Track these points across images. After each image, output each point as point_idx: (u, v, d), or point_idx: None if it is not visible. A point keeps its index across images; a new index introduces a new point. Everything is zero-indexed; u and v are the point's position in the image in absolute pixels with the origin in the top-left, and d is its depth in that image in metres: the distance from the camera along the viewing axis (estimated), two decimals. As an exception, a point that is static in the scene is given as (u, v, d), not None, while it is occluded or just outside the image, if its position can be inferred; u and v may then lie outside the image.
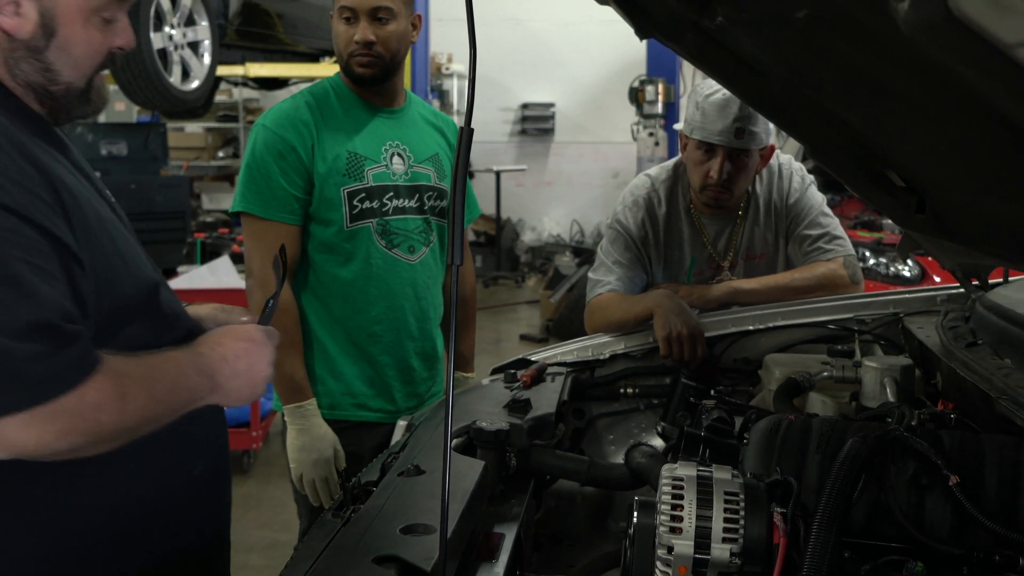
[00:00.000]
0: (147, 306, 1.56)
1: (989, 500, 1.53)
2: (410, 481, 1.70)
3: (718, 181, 2.67)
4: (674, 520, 1.45)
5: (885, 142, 1.73)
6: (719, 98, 2.66)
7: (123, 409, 1.34)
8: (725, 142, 2.64)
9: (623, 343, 2.57)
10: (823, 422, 1.68)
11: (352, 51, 2.60)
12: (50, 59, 1.47)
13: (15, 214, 1.30)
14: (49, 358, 1.28)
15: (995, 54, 0.79)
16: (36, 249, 1.32)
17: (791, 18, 1.43)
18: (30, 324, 1.27)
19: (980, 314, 2.08)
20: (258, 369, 1.59)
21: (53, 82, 1.49)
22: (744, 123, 2.62)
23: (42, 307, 1.29)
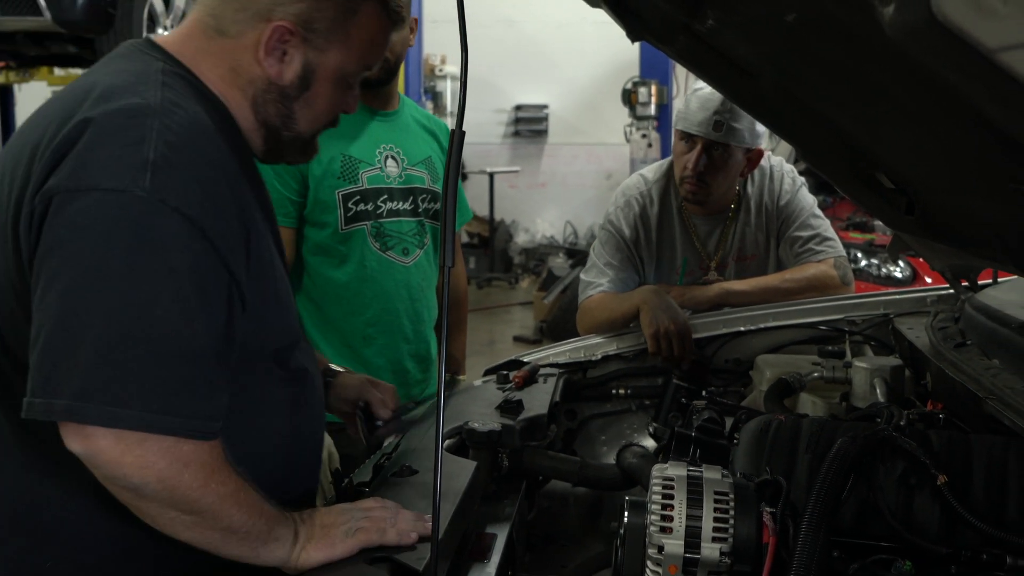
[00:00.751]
0: (279, 358, 1.55)
1: (977, 499, 1.54)
2: (403, 482, 1.71)
3: (692, 172, 2.70)
4: (664, 520, 1.46)
5: (874, 144, 1.75)
6: (705, 92, 2.71)
7: (206, 483, 1.30)
8: (703, 133, 2.67)
9: (615, 344, 2.58)
10: (813, 422, 1.70)
11: None
12: (295, 108, 1.53)
13: (207, 239, 1.32)
14: (184, 395, 1.28)
15: (977, 58, 0.81)
16: (213, 277, 1.34)
17: (780, 21, 1.44)
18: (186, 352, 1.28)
19: (969, 315, 2.10)
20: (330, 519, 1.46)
21: (288, 128, 1.55)
22: (723, 116, 2.65)
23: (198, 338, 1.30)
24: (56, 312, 1.26)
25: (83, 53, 6.54)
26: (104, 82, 1.41)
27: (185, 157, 1.33)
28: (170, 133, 1.33)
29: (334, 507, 1.50)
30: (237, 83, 1.50)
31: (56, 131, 1.34)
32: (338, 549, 1.42)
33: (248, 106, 1.51)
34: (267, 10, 1.46)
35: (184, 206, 1.30)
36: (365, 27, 1.54)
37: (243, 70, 1.49)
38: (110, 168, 1.29)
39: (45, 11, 5.58)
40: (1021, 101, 0.82)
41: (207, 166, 1.36)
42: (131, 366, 1.24)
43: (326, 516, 1.47)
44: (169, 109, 1.36)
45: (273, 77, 1.49)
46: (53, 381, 1.24)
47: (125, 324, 1.25)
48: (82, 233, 1.28)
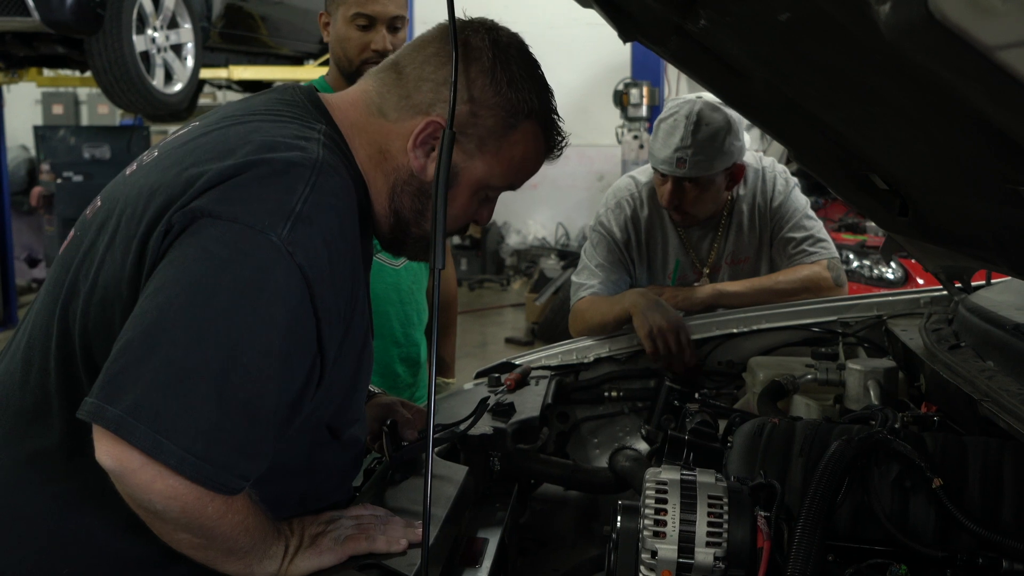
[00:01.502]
0: (334, 433, 1.54)
1: (972, 502, 1.53)
2: (393, 486, 1.69)
3: (669, 205, 2.70)
4: (658, 524, 1.45)
5: (868, 145, 1.73)
6: (668, 124, 2.69)
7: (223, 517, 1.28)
8: (667, 171, 2.67)
9: (607, 346, 2.57)
10: (807, 425, 1.69)
11: (367, 58, 2.58)
12: (430, 206, 1.50)
13: (313, 304, 1.30)
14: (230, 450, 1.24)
15: (975, 56, 0.79)
16: (304, 344, 1.31)
17: (773, 21, 1.42)
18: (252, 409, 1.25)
19: (963, 316, 2.09)
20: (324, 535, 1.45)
21: (418, 225, 1.54)
22: (684, 154, 2.62)
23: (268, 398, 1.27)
24: (147, 322, 1.23)
25: (72, 54, 6.53)
26: (269, 131, 1.41)
27: (326, 221, 1.33)
28: (321, 193, 1.33)
29: (322, 515, 1.48)
30: (383, 167, 1.50)
31: (213, 163, 1.34)
32: (327, 557, 1.40)
33: (386, 192, 1.52)
34: (428, 104, 1.48)
35: (307, 266, 1.29)
36: (520, 145, 1.54)
37: (391, 155, 1.50)
38: (257, 207, 1.29)
39: (33, 11, 5.56)
40: (1020, 101, 0.80)
41: (341, 237, 1.35)
42: (193, 402, 1.21)
43: (314, 525, 1.45)
44: (327, 170, 1.36)
45: (417, 170, 1.49)
46: (114, 387, 1.21)
47: (203, 356, 1.22)
48: (205, 256, 1.26)
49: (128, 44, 6.03)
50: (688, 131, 2.62)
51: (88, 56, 6.08)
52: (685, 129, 2.62)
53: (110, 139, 11.13)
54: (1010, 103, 0.84)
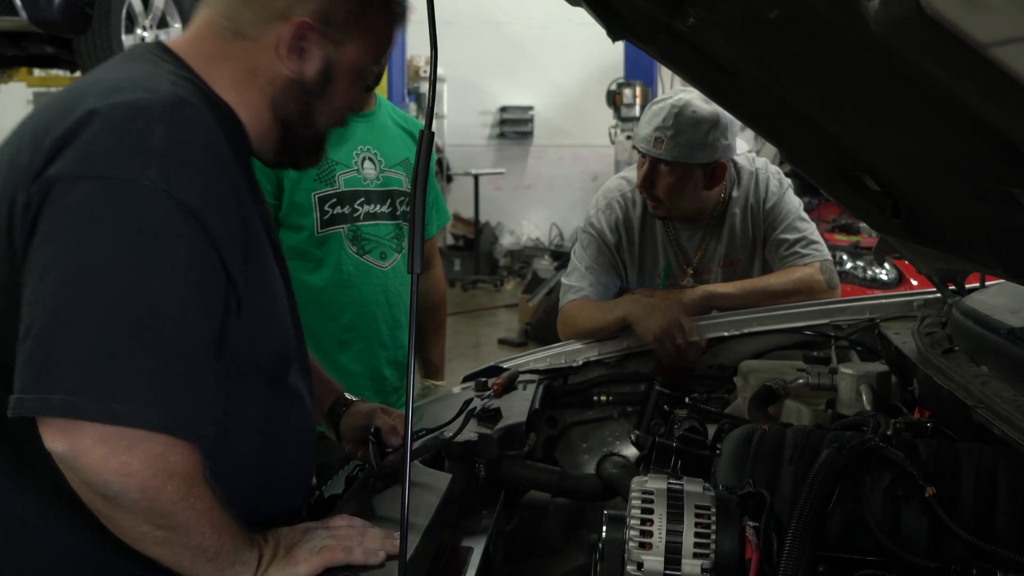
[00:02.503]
0: (272, 376, 1.51)
1: (966, 511, 1.50)
2: (375, 495, 1.66)
3: (641, 187, 2.67)
4: (644, 535, 1.41)
5: (859, 145, 1.70)
6: (656, 107, 2.68)
7: (185, 498, 1.25)
8: (644, 149, 2.65)
9: (596, 350, 2.53)
10: (797, 432, 1.65)
11: None
12: (316, 105, 1.53)
13: (208, 235, 1.28)
14: (184, 393, 1.24)
15: (968, 54, 0.76)
16: (211, 275, 1.30)
17: (762, 18, 1.39)
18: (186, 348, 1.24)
19: (956, 320, 2.06)
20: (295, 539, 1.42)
21: (308, 125, 1.54)
22: (663, 133, 2.60)
23: (196, 335, 1.26)
24: (51, 304, 1.21)
25: (61, 54, 6.47)
26: (110, 77, 1.40)
27: (192, 152, 1.30)
28: (178, 128, 1.30)
29: (298, 526, 1.44)
30: (255, 84, 1.48)
31: (58, 122, 1.30)
32: (301, 568, 1.37)
33: (267, 106, 1.50)
34: (286, 9, 1.45)
35: (188, 198, 1.26)
36: (377, 19, 1.55)
37: (262, 70, 1.48)
38: (115, 157, 1.26)
39: (21, 11, 5.50)
40: (1013, 98, 0.77)
41: (212, 163, 1.33)
42: (130, 360, 1.20)
43: (290, 536, 1.42)
44: (179, 104, 1.33)
45: (295, 75, 1.48)
46: (47, 375, 1.19)
47: (124, 316, 1.21)
48: (82, 222, 1.23)
49: (117, 43, 5.97)
50: (672, 113, 2.60)
51: (77, 56, 6.02)
52: (670, 111, 2.60)
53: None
54: (1004, 101, 0.81)
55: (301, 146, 1.58)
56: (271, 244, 1.54)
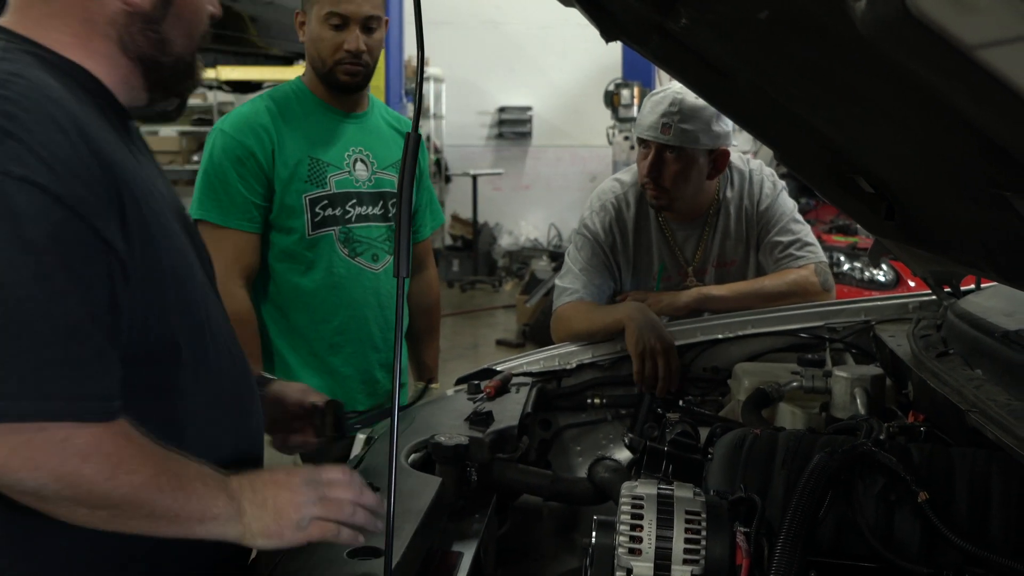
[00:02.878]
0: (189, 347, 1.43)
1: (959, 516, 1.49)
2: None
3: (648, 176, 2.65)
4: (633, 541, 1.40)
5: (853, 147, 1.69)
6: (657, 96, 2.68)
7: (114, 475, 1.21)
8: (651, 136, 2.64)
9: (590, 352, 2.51)
10: (789, 436, 1.64)
11: (340, 59, 2.54)
12: (165, 29, 1.44)
13: (65, 206, 1.22)
14: (68, 375, 1.19)
15: (955, 55, 0.74)
16: (81, 247, 1.23)
17: (753, 19, 1.38)
18: (61, 330, 1.19)
19: (951, 322, 2.04)
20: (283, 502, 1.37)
21: (166, 53, 1.45)
22: (671, 119, 2.60)
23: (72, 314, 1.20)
24: None
25: None
26: None
27: (27, 124, 1.23)
28: (8, 103, 1.24)
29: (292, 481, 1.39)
30: (97, 31, 1.41)
31: None
32: (286, 541, 1.36)
33: (118, 50, 1.43)
34: None
35: (31, 174, 1.20)
36: None
37: (99, 16, 1.40)
38: None
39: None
40: (1002, 101, 0.75)
41: (56, 131, 1.26)
42: (2, 356, 1.15)
43: (279, 495, 1.37)
44: (5, 81, 1.27)
45: (132, 7, 1.41)
46: None
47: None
48: None
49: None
50: (677, 100, 2.61)
51: None
52: (675, 99, 2.61)
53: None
54: (992, 104, 0.79)
55: (170, 77, 1.49)
56: (169, 200, 1.47)
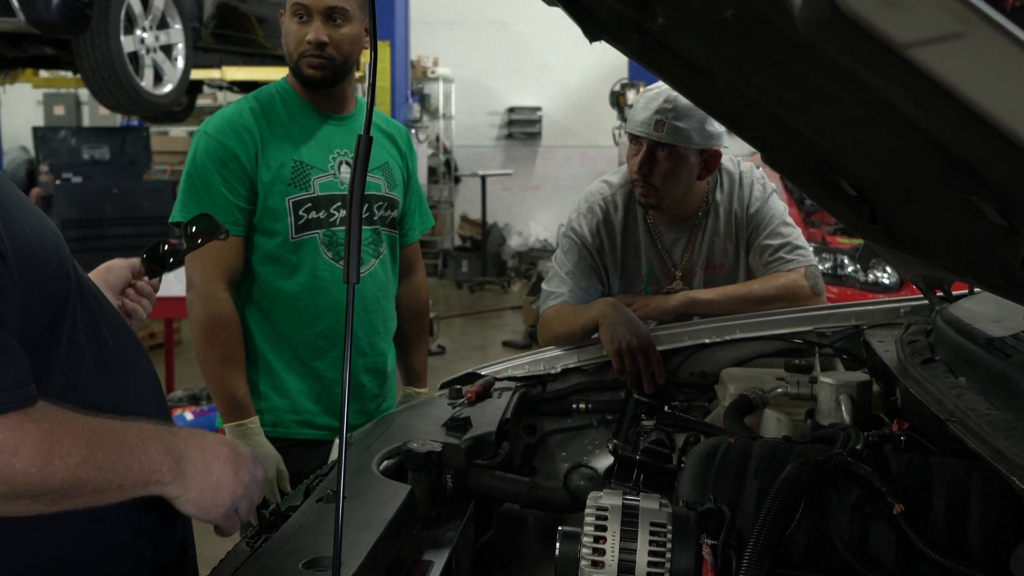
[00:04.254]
0: (74, 298, 1.38)
1: (937, 529, 1.46)
2: (327, 508, 1.61)
3: (638, 172, 2.62)
4: (596, 553, 1.37)
5: (831, 149, 1.65)
6: (651, 92, 2.65)
7: (47, 463, 1.16)
8: (644, 133, 2.60)
9: (576, 357, 2.48)
10: (764, 445, 1.60)
11: (303, 51, 2.52)
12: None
13: None
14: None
15: (889, 54, 0.71)
16: None
17: (721, 18, 1.35)
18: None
19: (939, 328, 2.00)
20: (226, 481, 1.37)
21: None
22: (665, 116, 2.57)
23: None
24: None
25: (62, 55, 6.46)
26: None
27: None
28: None
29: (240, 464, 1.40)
30: None
31: None
32: (209, 518, 1.37)
33: None
34: None
35: None
36: None
37: None
38: None
39: (18, 12, 5.48)
40: (939, 103, 0.71)
41: None
42: None
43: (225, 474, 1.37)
44: None
45: None
46: None
47: None
48: None
49: (116, 45, 5.95)
50: (671, 98, 2.57)
51: (76, 57, 6.01)
52: (668, 96, 2.58)
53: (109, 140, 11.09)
54: (931, 106, 0.75)
55: None
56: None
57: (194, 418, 5.53)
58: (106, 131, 11.80)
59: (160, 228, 10.67)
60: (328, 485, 1.72)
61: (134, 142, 10.84)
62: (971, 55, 0.67)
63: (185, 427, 1.41)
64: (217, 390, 2.53)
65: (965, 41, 0.66)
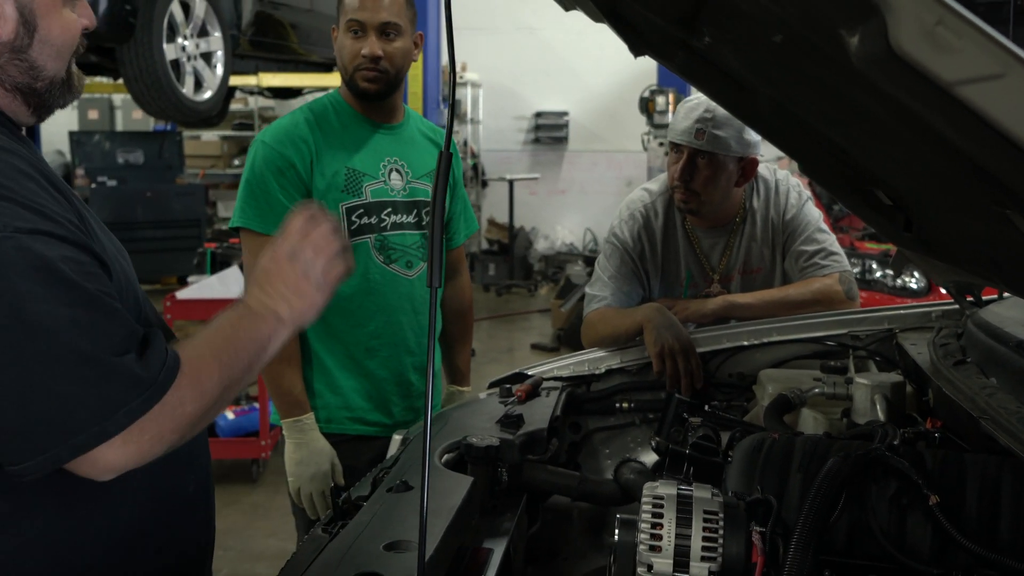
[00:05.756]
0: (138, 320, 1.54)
1: (969, 520, 1.54)
2: (398, 497, 1.72)
3: (679, 179, 2.73)
4: (654, 538, 1.46)
5: (869, 161, 1.74)
6: (692, 102, 2.77)
7: (203, 392, 1.38)
8: (685, 141, 2.71)
9: (619, 358, 2.58)
10: (806, 441, 1.69)
11: (359, 64, 2.63)
12: (34, 56, 1.45)
13: (72, 244, 1.33)
14: (146, 368, 1.32)
15: (937, 90, 0.81)
16: (95, 272, 1.36)
17: (769, 41, 1.45)
18: (124, 339, 1.32)
19: (970, 331, 2.09)
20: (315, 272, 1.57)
21: (38, 79, 1.48)
22: (705, 125, 2.68)
23: (126, 322, 1.34)
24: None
25: (104, 62, 6.63)
26: None
27: (7, 184, 1.31)
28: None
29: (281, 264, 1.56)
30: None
31: None
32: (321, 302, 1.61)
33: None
34: None
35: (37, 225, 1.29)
36: None
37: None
38: None
39: (66, 22, 5.64)
40: (981, 133, 0.82)
41: (27, 180, 1.34)
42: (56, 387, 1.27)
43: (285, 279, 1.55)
44: None
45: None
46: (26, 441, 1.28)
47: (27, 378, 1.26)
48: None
49: (159, 53, 6.12)
50: (711, 106, 2.69)
51: (119, 64, 6.17)
52: (708, 106, 2.69)
53: (144, 144, 11.31)
54: (973, 135, 0.86)
55: (48, 97, 1.51)
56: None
57: (235, 417, 5.67)
58: (140, 135, 12.01)
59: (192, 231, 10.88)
60: (396, 476, 1.82)
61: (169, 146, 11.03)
62: (1010, 93, 0.77)
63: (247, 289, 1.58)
64: (275, 388, 2.65)
65: (1005, 80, 0.77)
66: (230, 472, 5.72)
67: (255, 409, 5.71)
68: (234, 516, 5.10)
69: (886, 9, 0.78)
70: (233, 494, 5.42)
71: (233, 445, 5.61)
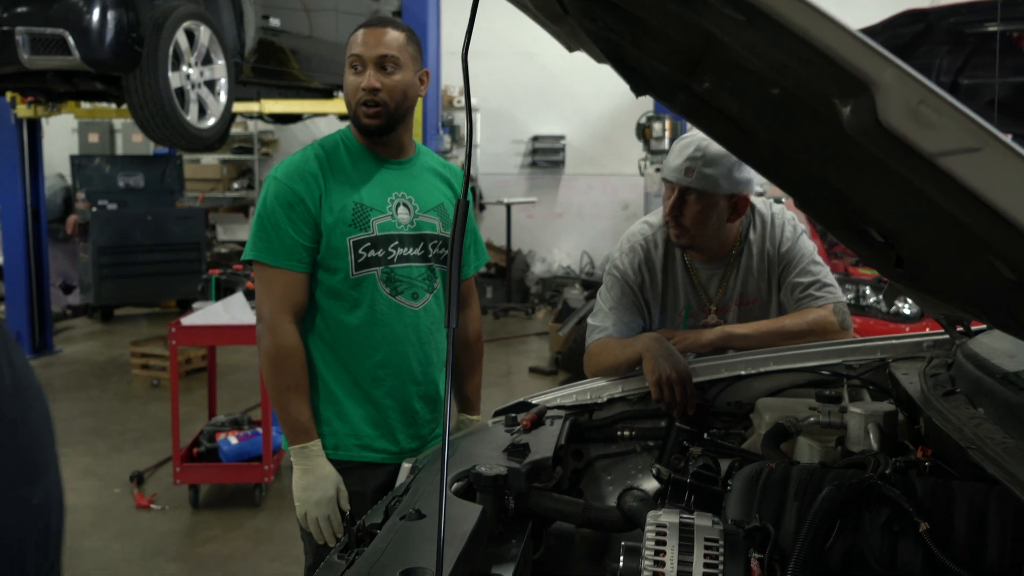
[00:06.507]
0: None
1: (959, 545, 1.61)
2: (411, 525, 1.79)
3: (669, 215, 2.82)
4: (657, 565, 1.54)
5: (863, 203, 1.82)
6: (684, 142, 2.85)
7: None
8: (674, 179, 2.81)
9: (620, 387, 2.66)
10: (802, 470, 1.77)
11: (359, 99, 2.71)
12: None
13: None
14: None
15: (921, 160, 0.89)
16: None
17: (768, 93, 1.53)
18: None
19: (960, 362, 2.17)
20: None
21: None
22: (695, 163, 2.77)
23: None
24: None
25: (110, 89, 6.73)
26: None
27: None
28: None
29: None
30: None
31: None
32: None
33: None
34: None
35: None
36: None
37: None
38: None
39: (74, 51, 5.75)
40: (963, 199, 0.90)
41: None
42: None
43: None
44: None
45: None
46: None
47: None
48: None
49: (164, 81, 6.21)
50: (702, 146, 2.78)
51: (125, 92, 6.27)
52: (700, 144, 2.78)
53: (144, 168, 11.40)
54: (955, 199, 0.94)
55: None
56: None
57: (239, 442, 5.72)
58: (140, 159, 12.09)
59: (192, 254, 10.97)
60: (408, 504, 1.90)
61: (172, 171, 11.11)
62: (986, 165, 0.85)
63: None
64: (283, 415, 2.72)
65: (982, 154, 0.85)
66: (233, 497, 5.78)
67: (258, 434, 5.77)
68: (237, 541, 5.16)
69: (875, 88, 0.86)
70: (236, 519, 5.48)
71: (236, 470, 5.66)
